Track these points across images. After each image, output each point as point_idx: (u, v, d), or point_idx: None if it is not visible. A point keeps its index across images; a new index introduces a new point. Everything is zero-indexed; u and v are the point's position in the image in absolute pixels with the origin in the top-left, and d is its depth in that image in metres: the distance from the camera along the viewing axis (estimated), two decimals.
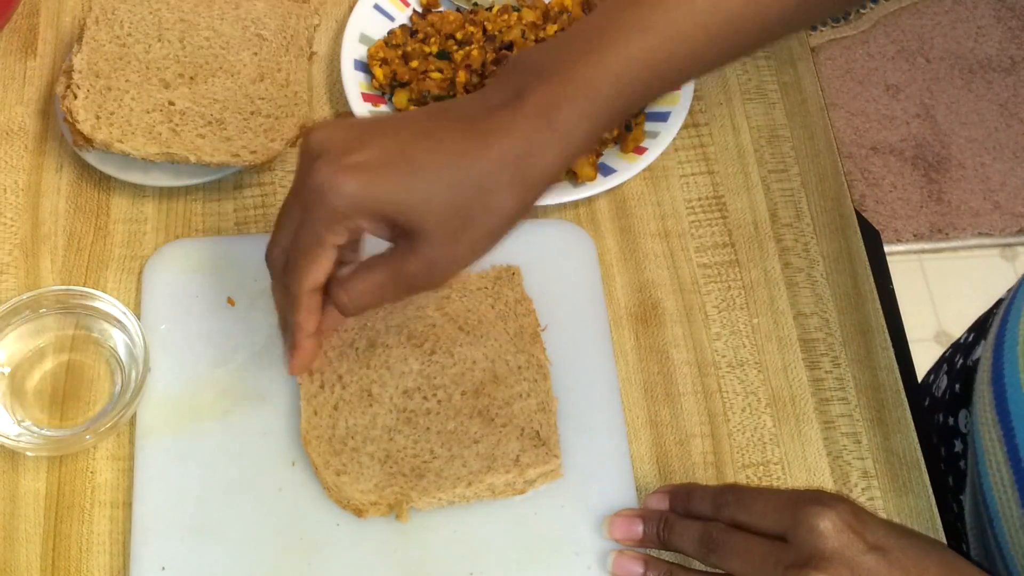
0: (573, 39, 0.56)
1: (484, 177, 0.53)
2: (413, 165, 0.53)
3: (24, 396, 0.65)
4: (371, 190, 0.53)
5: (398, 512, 0.62)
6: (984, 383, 0.63)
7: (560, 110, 0.54)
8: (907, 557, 0.52)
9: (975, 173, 1.95)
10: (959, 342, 0.82)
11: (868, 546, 0.52)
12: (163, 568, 0.61)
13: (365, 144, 0.53)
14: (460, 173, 0.53)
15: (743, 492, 0.58)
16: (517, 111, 0.53)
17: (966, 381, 0.76)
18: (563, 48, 0.55)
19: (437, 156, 0.53)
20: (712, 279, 0.74)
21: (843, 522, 0.52)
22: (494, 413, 0.65)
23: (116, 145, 0.71)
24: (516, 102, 0.54)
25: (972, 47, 2.08)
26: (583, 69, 0.54)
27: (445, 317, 0.68)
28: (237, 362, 0.67)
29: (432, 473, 0.63)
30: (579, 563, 0.62)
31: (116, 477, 0.65)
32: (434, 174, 0.53)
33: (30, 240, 0.73)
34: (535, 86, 0.54)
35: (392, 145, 0.53)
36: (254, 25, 0.78)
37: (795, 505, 0.54)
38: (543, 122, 0.54)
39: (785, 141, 0.79)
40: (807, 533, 0.53)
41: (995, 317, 0.71)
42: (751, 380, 0.70)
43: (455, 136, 0.53)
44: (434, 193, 0.53)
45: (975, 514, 0.67)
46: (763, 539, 0.55)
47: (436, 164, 0.53)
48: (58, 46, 0.80)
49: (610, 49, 0.55)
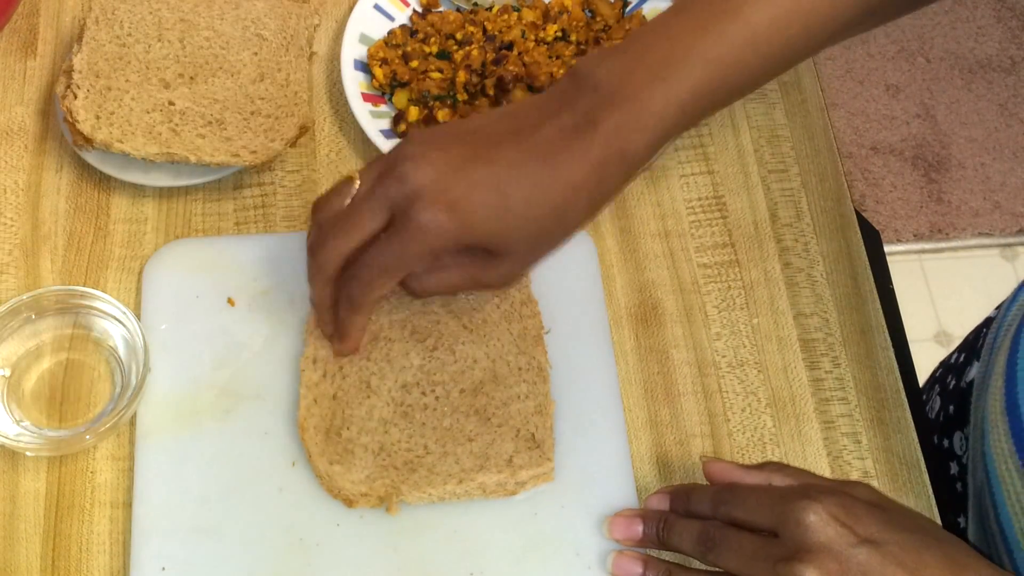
0: (641, 57, 0.58)
1: (563, 204, 0.57)
2: (505, 200, 0.56)
3: (24, 396, 0.65)
4: (469, 229, 0.57)
5: (388, 505, 0.62)
6: (997, 412, 0.63)
7: (631, 140, 0.57)
8: (903, 550, 0.52)
9: (975, 173, 1.95)
10: (949, 362, 0.82)
11: (859, 539, 0.52)
12: (163, 568, 0.61)
13: (460, 178, 0.56)
14: (545, 203, 0.57)
15: (740, 490, 0.58)
16: (592, 140, 0.57)
17: (960, 403, 0.75)
18: (632, 69, 0.57)
19: (524, 187, 0.57)
20: (712, 279, 0.74)
21: (830, 515, 0.53)
22: (491, 413, 0.65)
23: (116, 145, 0.71)
24: (589, 129, 0.57)
25: (972, 47, 2.08)
26: (652, 98, 0.57)
27: (450, 314, 0.68)
28: (237, 362, 0.67)
29: (424, 468, 0.63)
30: (579, 563, 0.62)
31: (116, 477, 0.65)
32: (522, 206, 0.57)
33: (30, 240, 0.73)
34: (607, 113, 0.56)
35: (485, 179, 0.56)
36: (254, 25, 0.78)
37: (784, 500, 0.55)
38: (615, 152, 0.57)
39: (785, 141, 0.79)
40: (795, 527, 0.53)
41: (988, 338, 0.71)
42: (751, 380, 0.70)
43: (538, 166, 0.57)
44: (522, 225, 0.57)
45: (981, 539, 0.67)
46: (756, 535, 0.55)
47: (524, 197, 0.57)
48: (58, 46, 0.80)
49: (677, 79, 0.57)
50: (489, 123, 0.59)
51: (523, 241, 0.58)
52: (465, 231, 0.56)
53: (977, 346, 0.75)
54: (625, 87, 0.57)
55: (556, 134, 0.57)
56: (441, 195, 0.56)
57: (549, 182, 0.57)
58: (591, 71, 0.58)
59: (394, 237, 0.57)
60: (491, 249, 0.58)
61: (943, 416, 0.78)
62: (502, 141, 0.58)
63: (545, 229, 0.58)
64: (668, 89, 0.57)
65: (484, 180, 0.56)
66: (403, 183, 0.56)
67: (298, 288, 0.69)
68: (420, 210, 0.56)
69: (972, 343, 0.78)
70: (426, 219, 0.56)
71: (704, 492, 0.60)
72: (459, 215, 0.56)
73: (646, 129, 0.57)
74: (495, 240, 0.58)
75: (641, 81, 0.57)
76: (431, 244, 0.57)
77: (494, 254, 0.59)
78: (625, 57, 0.58)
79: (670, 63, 0.57)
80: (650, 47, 0.58)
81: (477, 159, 0.57)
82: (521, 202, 0.57)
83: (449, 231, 0.56)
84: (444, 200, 0.56)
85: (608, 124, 0.56)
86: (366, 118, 0.75)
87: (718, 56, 0.57)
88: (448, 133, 0.59)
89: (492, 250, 0.58)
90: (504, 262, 0.59)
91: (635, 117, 0.57)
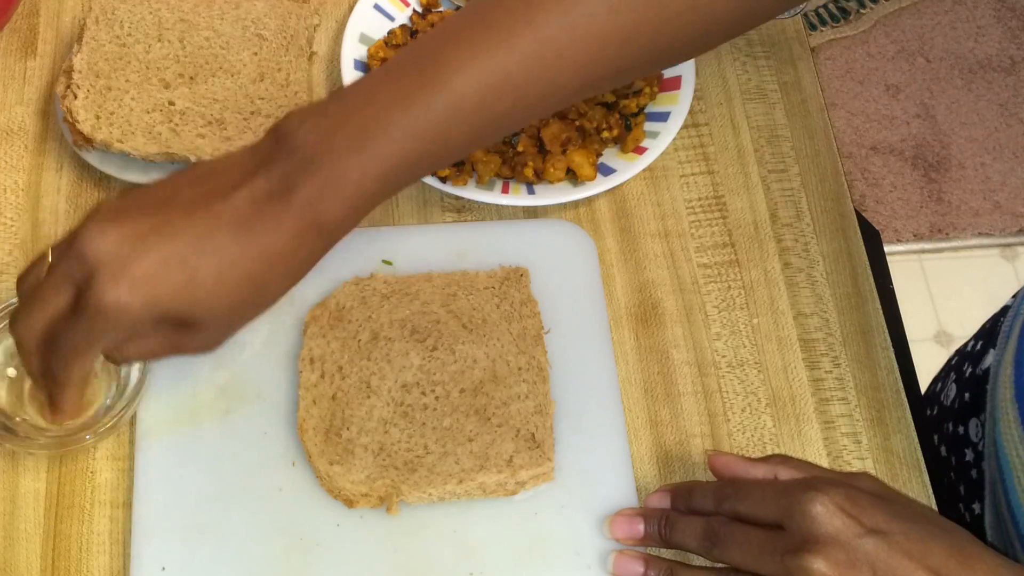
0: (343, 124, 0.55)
1: (257, 276, 0.55)
2: (193, 273, 0.54)
3: (24, 396, 0.65)
4: (155, 306, 0.54)
5: (388, 505, 0.62)
6: (1007, 400, 0.63)
7: (327, 211, 0.55)
8: (909, 540, 0.52)
9: (975, 173, 1.95)
10: (965, 350, 0.82)
11: (866, 530, 0.52)
12: (163, 568, 0.61)
13: (142, 253, 0.53)
14: (236, 276, 0.55)
15: (743, 484, 0.58)
16: (286, 209, 0.54)
17: (976, 390, 0.75)
18: (331, 135, 0.54)
19: (213, 260, 0.54)
20: (712, 279, 0.74)
21: (836, 506, 0.53)
22: (491, 412, 0.65)
23: (116, 145, 0.71)
24: (283, 197, 0.54)
25: (972, 47, 2.08)
26: (350, 168, 0.54)
27: (450, 314, 0.68)
28: (237, 362, 0.67)
29: (424, 468, 0.63)
30: (579, 563, 0.62)
31: (116, 477, 0.65)
32: (212, 279, 0.54)
33: (30, 240, 0.73)
34: (303, 181, 0.54)
35: (170, 252, 0.53)
36: (254, 25, 0.78)
37: (790, 492, 0.55)
38: (310, 222, 0.55)
39: (785, 141, 0.79)
40: (801, 519, 0.53)
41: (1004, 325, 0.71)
42: (751, 380, 0.70)
43: (229, 237, 0.54)
44: (215, 297, 0.55)
45: (996, 527, 0.67)
46: (762, 529, 0.55)
47: (213, 270, 0.54)
48: (58, 46, 0.80)
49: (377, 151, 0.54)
50: (182, 188, 0.56)
51: (218, 313, 0.56)
52: (150, 307, 0.54)
53: (994, 334, 0.75)
54: (323, 154, 0.54)
55: (249, 202, 0.54)
56: (119, 272, 0.53)
57: (240, 254, 0.54)
58: (293, 131, 0.55)
59: (78, 317, 0.54)
60: (185, 321, 0.55)
61: (958, 403, 0.78)
62: (193, 209, 0.54)
63: (240, 300, 0.56)
64: (367, 160, 0.54)
65: (169, 254, 0.53)
66: (81, 260, 0.53)
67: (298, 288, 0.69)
68: (99, 289, 0.53)
69: (989, 331, 0.78)
70: (105, 298, 0.53)
71: (706, 488, 0.60)
72: (141, 291, 0.53)
73: (343, 199, 0.54)
74: (186, 313, 0.55)
75: (340, 149, 0.54)
76: (116, 322, 0.53)
77: (188, 325, 0.56)
78: (326, 121, 0.55)
79: (370, 133, 0.54)
80: (353, 113, 0.55)
81: (162, 231, 0.54)
82: (211, 276, 0.54)
83: (132, 309, 0.53)
84: (123, 277, 0.53)
85: (303, 193, 0.54)
86: None
87: (422, 129, 0.55)
88: (137, 203, 0.56)
89: (186, 322, 0.55)
90: (201, 332, 0.56)
91: (331, 187, 0.54)
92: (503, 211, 0.75)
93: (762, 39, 0.83)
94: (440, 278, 0.70)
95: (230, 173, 0.55)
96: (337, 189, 0.54)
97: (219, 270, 0.54)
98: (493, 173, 0.74)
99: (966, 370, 0.79)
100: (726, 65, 0.82)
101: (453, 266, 0.71)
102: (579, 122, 0.74)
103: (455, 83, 0.55)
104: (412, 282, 0.69)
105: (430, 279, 0.70)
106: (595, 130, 0.75)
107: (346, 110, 0.55)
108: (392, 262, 0.71)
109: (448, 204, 0.75)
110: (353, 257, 0.70)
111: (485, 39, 0.55)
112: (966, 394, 0.77)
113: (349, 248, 0.71)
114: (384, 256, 0.71)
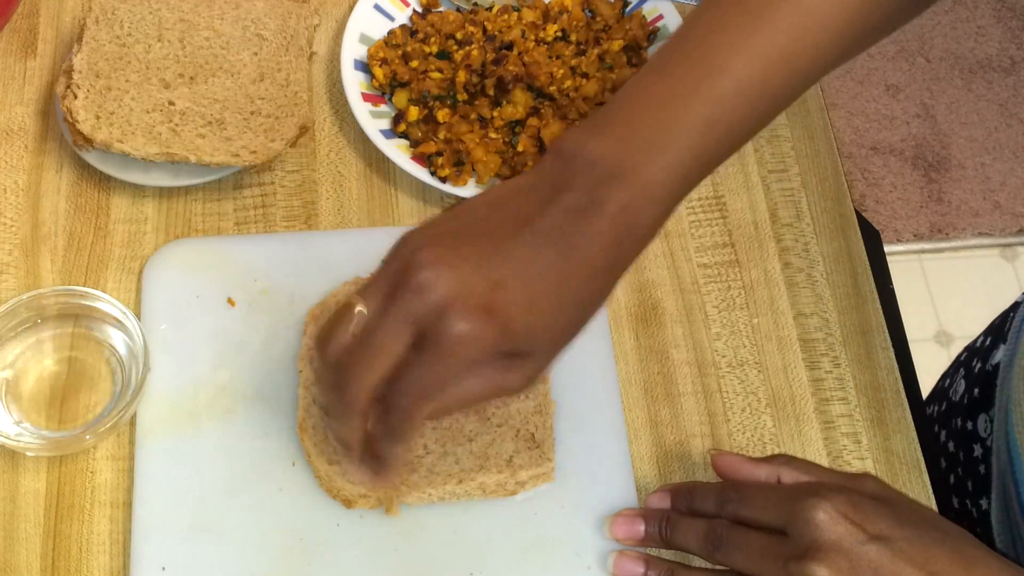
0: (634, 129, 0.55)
1: (584, 290, 0.54)
2: (533, 295, 0.52)
3: (23, 396, 0.65)
4: (505, 332, 0.52)
5: (387, 506, 0.62)
6: (1021, 394, 0.63)
7: (641, 215, 0.54)
8: (912, 546, 0.52)
9: (975, 173, 1.95)
10: (974, 345, 0.82)
11: (869, 536, 0.52)
12: (163, 568, 0.61)
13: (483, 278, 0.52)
14: (568, 292, 0.53)
15: (746, 488, 0.58)
16: (601, 220, 0.53)
17: (985, 386, 0.75)
18: (627, 142, 0.54)
19: (547, 278, 0.53)
20: (712, 279, 0.74)
21: (839, 513, 0.53)
22: (490, 413, 0.65)
23: (116, 145, 0.71)
24: (596, 209, 0.53)
25: (972, 47, 2.08)
26: (655, 170, 0.54)
27: None
28: (237, 362, 0.67)
29: (424, 468, 0.63)
30: (579, 563, 0.62)
31: (116, 477, 0.65)
32: (549, 298, 0.53)
33: (30, 240, 0.73)
34: (612, 191, 0.53)
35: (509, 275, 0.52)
36: (254, 25, 0.78)
37: (793, 498, 0.55)
38: (625, 230, 0.54)
39: (785, 141, 0.79)
40: (804, 525, 0.53)
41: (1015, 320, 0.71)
42: (751, 380, 0.70)
43: (555, 253, 0.53)
44: (550, 318, 0.53)
45: (1004, 522, 0.67)
46: (765, 533, 0.55)
47: (549, 288, 0.53)
48: (58, 46, 0.80)
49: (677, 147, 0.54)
50: (482, 215, 0.55)
51: (550, 336, 0.54)
52: (502, 335, 0.51)
53: (1004, 330, 0.75)
54: (624, 161, 0.53)
55: (562, 218, 0.53)
56: (472, 300, 0.51)
57: (569, 269, 0.53)
58: (580, 148, 0.54)
59: (429, 356, 0.51)
60: (520, 350, 0.53)
61: (967, 399, 0.78)
62: (508, 233, 0.53)
63: (570, 319, 0.55)
64: (670, 158, 0.54)
65: (508, 277, 0.52)
66: (425, 294, 0.51)
67: (298, 288, 0.69)
68: (455, 321, 0.50)
69: (999, 327, 0.78)
70: (463, 329, 0.50)
71: (708, 490, 0.60)
72: (495, 319, 0.51)
73: (654, 201, 0.54)
74: (530, 338, 0.53)
75: (640, 154, 0.53)
76: (470, 355, 0.51)
77: (519, 355, 0.53)
78: (616, 130, 0.54)
79: (665, 132, 0.54)
80: (640, 116, 0.55)
81: (493, 255, 0.52)
82: (547, 294, 0.52)
83: (488, 338, 0.51)
84: (477, 305, 0.51)
85: (615, 202, 0.53)
86: (366, 118, 0.75)
87: (713, 118, 0.54)
88: (448, 232, 0.54)
89: (520, 351, 0.53)
90: (528, 362, 0.54)
91: (641, 191, 0.53)
92: None
93: None
94: None
95: (527, 196, 0.54)
96: (647, 193, 0.54)
97: (554, 287, 0.53)
98: (493, 173, 0.74)
99: (975, 365, 0.79)
100: None
101: None
102: (579, 122, 0.74)
103: (734, 67, 0.54)
104: None
105: None
106: None
107: (632, 115, 0.55)
108: None
109: (448, 204, 0.75)
110: (353, 257, 0.70)
111: (747, 20, 0.55)
112: (975, 389, 0.77)
113: (349, 248, 0.71)
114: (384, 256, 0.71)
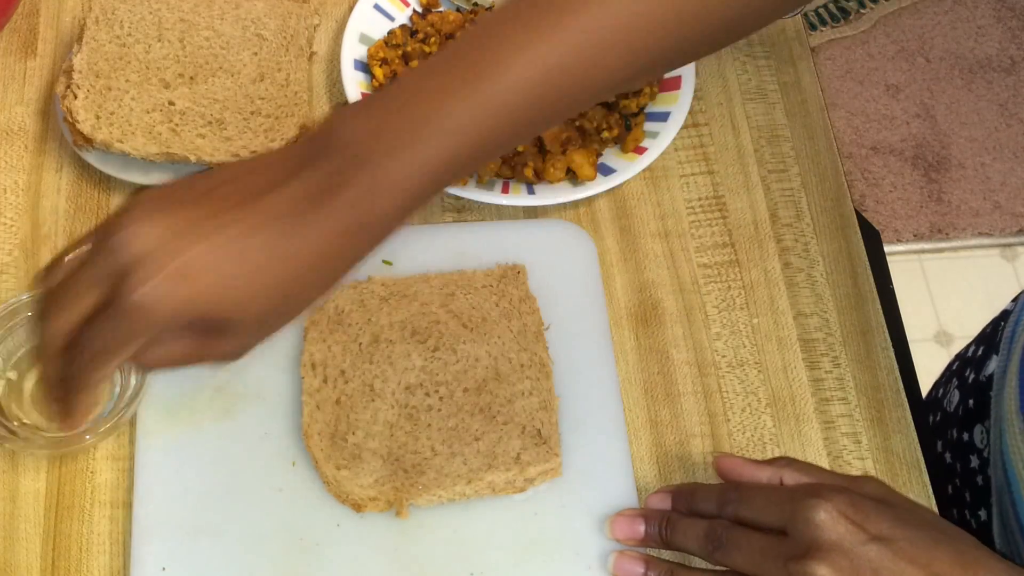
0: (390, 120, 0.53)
1: (299, 275, 0.53)
2: (235, 269, 0.51)
3: (24, 396, 0.65)
4: (193, 303, 0.51)
5: (398, 509, 0.62)
6: (1012, 412, 0.62)
7: (375, 209, 0.53)
8: (913, 547, 0.52)
9: (975, 173, 1.95)
10: (966, 355, 0.81)
11: (870, 536, 0.52)
12: (163, 568, 0.61)
13: (181, 248, 0.50)
14: (279, 274, 0.52)
15: (746, 488, 0.58)
16: (334, 207, 0.52)
17: (979, 396, 0.75)
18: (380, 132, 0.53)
19: (258, 256, 0.51)
20: (712, 279, 0.74)
21: (840, 513, 0.53)
22: (496, 411, 0.65)
23: (116, 145, 0.71)
24: (331, 195, 0.52)
25: (972, 47, 2.08)
26: (398, 165, 0.52)
27: (449, 314, 0.68)
28: (237, 363, 0.67)
29: (432, 470, 0.63)
30: (579, 563, 0.62)
31: (116, 477, 0.65)
32: (255, 276, 0.52)
33: (30, 240, 0.73)
34: (351, 178, 0.52)
35: (211, 249, 0.51)
36: (254, 25, 0.78)
37: (793, 498, 0.55)
38: (357, 220, 0.53)
39: (785, 141, 0.79)
40: (804, 525, 0.53)
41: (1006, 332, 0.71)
42: (751, 380, 0.70)
43: (275, 233, 0.52)
44: (253, 297, 0.52)
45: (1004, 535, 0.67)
46: (765, 534, 0.55)
47: (257, 266, 0.52)
48: (58, 46, 0.80)
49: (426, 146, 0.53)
50: (222, 183, 0.53)
51: (254, 315, 0.52)
52: (188, 305, 0.50)
53: (995, 339, 0.75)
54: (372, 151, 0.52)
55: (295, 199, 0.52)
56: (157, 267, 0.49)
57: (284, 252, 0.51)
58: (339, 128, 0.53)
59: (109, 316, 0.50)
60: (218, 323, 0.52)
61: (962, 410, 0.78)
62: (239, 202, 0.52)
63: (276, 303, 0.53)
64: (415, 157, 0.52)
65: (209, 250, 0.50)
66: (117, 253, 0.50)
67: None
68: (136, 285, 0.49)
69: (990, 336, 0.78)
70: (142, 296, 0.49)
71: (709, 491, 0.60)
72: (180, 288, 0.50)
73: (392, 197, 0.52)
74: (223, 314, 0.52)
75: (388, 146, 0.52)
76: (150, 322, 0.50)
77: (220, 328, 0.52)
78: (373, 118, 0.53)
79: (420, 129, 0.53)
80: (401, 109, 0.53)
81: (203, 226, 0.51)
82: (253, 272, 0.51)
83: (169, 307, 0.50)
84: (163, 272, 0.49)
85: (351, 191, 0.52)
86: None
87: (471, 124, 0.53)
88: (178, 194, 0.53)
89: (219, 324, 0.52)
90: (232, 337, 0.53)
91: (380, 185, 0.52)
92: (503, 211, 0.75)
93: (762, 39, 0.83)
94: (438, 279, 0.70)
95: (273, 170, 0.53)
96: (386, 187, 0.52)
97: (263, 266, 0.52)
98: (493, 173, 0.74)
99: (968, 376, 0.79)
100: (726, 65, 0.82)
101: (453, 266, 0.71)
102: (579, 122, 0.74)
103: (504, 76, 0.53)
104: (410, 283, 0.69)
105: (427, 280, 0.70)
106: (595, 130, 0.75)
107: (393, 106, 0.54)
108: (392, 262, 0.71)
109: (448, 204, 0.75)
110: None
111: (528, 32, 0.54)
112: (970, 400, 0.77)
113: None
114: (384, 256, 0.71)
